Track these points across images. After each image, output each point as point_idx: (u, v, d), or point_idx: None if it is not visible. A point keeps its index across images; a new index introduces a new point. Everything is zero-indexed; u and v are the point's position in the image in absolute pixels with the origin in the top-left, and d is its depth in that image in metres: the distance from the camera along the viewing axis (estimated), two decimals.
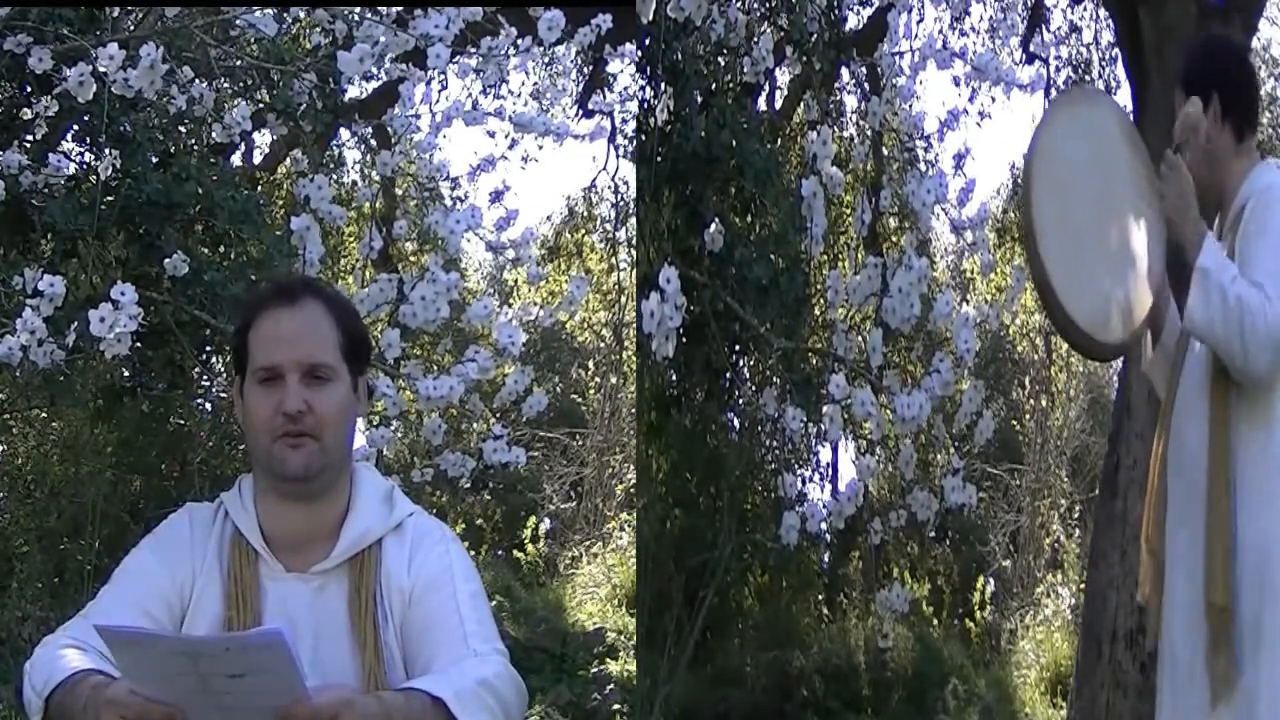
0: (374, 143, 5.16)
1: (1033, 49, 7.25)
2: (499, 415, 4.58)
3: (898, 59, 4.59)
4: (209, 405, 6.16)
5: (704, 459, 6.00)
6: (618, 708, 6.33)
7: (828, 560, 7.95)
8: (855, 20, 6.26)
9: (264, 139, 6.97)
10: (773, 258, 4.44)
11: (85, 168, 4.42)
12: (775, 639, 6.89)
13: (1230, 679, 2.28)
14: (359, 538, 1.91)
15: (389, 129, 4.21)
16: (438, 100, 4.19)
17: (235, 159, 6.43)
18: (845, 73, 6.05)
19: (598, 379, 11.20)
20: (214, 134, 3.91)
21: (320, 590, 1.88)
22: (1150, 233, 2.58)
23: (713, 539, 5.30)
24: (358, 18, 3.79)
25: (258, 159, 7.62)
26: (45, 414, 5.92)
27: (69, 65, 3.35)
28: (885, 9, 4.78)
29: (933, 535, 8.36)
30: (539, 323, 4.52)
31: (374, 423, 3.83)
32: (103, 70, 3.20)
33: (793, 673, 6.72)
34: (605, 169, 8.61)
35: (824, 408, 3.93)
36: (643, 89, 4.64)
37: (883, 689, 6.92)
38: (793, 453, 6.83)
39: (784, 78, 6.52)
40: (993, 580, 8.70)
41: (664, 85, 4.25)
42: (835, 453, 7.74)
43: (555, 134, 4.15)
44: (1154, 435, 2.56)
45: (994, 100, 7.53)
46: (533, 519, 10.07)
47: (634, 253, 7.35)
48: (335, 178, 6.86)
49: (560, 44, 3.93)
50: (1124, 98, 7.27)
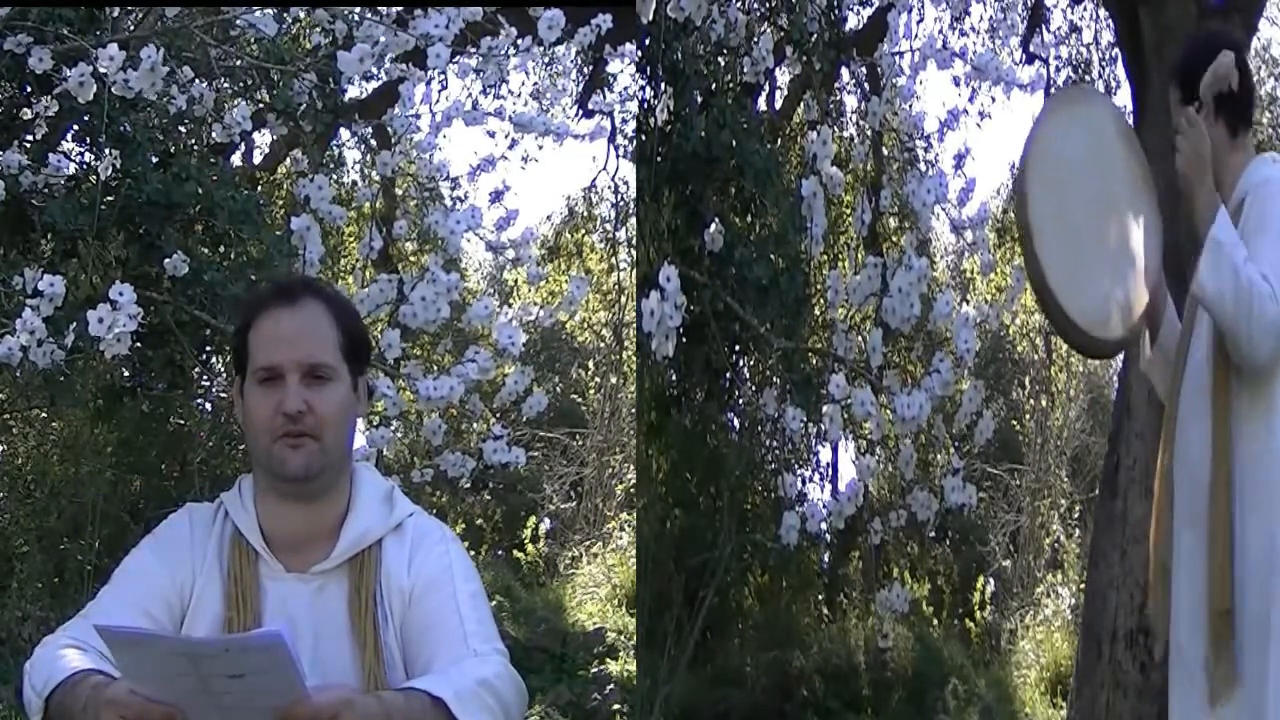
0: (374, 143, 5.16)
1: (1033, 49, 7.24)
2: (499, 415, 4.58)
3: (898, 59, 4.60)
4: (209, 405, 6.16)
5: (704, 459, 6.00)
6: (618, 708, 6.33)
7: (828, 560, 7.95)
8: (855, 20, 6.27)
9: (264, 139, 6.98)
10: (773, 258, 4.44)
11: (85, 168, 4.42)
12: (775, 639, 6.88)
13: (1231, 681, 2.28)
14: (359, 538, 1.91)
15: (389, 129, 4.21)
16: (438, 100, 4.20)
17: (235, 159, 6.43)
18: (845, 73, 6.05)
19: (598, 379, 11.19)
20: (214, 134, 3.91)
21: (320, 590, 1.88)
22: (1147, 230, 2.58)
23: (713, 539, 5.30)
24: (358, 18, 3.79)
25: (258, 159, 7.62)
26: (45, 414, 5.92)
27: (69, 65, 3.35)
28: (885, 9, 4.78)
29: (933, 535, 8.35)
30: (539, 323, 4.52)
31: (374, 423, 3.83)
32: (103, 71, 3.20)
33: (793, 673, 6.71)
34: (605, 169, 8.61)
35: (824, 408, 3.93)
36: (643, 89, 4.65)
37: (883, 689, 6.91)
38: (793, 453, 6.82)
39: (784, 78, 6.52)
40: (993, 580, 8.70)
41: (664, 85, 4.25)
42: (835, 453, 7.75)
43: (555, 134, 4.15)
44: (1154, 435, 2.57)
45: (994, 100, 7.55)
46: (533, 519, 10.07)
47: (634, 253, 7.34)
48: (335, 178, 6.85)
49: (560, 44, 3.93)
50: (1124, 98, 7.27)
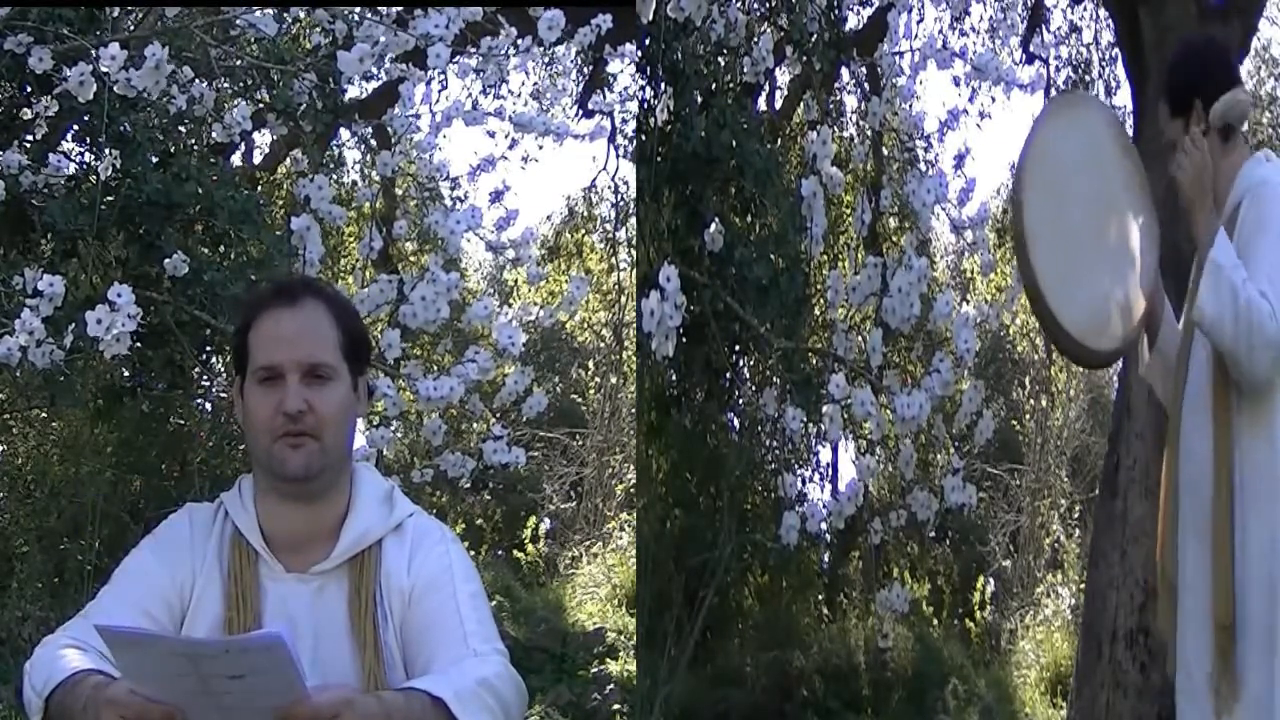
0: (374, 143, 5.16)
1: (1033, 49, 7.24)
2: (499, 415, 4.57)
3: (898, 59, 4.59)
4: (209, 405, 6.17)
5: (704, 459, 6.00)
6: (618, 708, 6.33)
7: (828, 560, 7.95)
8: (855, 20, 6.27)
9: (264, 139, 6.98)
10: (773, 258, 4.44)
11: (85, 168, 4.41)
12: (775, 639, 6.88)
13: (1236, 695, 2.29)
14: (359, 538, 1.91)
15: (389, 129, 4.21)
16: (438, 100, 4.19)
17: (235, 159, 6.43)
18: (845, 73, 6.05)
19: (598, 379, 11.19)
20: (214, 134, 3.91)
21: (320, 590, 1.88)
22: (1144, 234, 2.58)
23: (713, 539, 5.30)
24: (358, 18, 3.79)
25: (258, 159, 7.61)
26: (45, 414, 5.92)
27: (69, 65, 3.35)
28: (885, 9, 4.78)
29: (933, 535, 8.35)
30: (539, 323, 4.52)
31: (374, 423, 3.83)
32: (104, 70, 3.20)
33: (793, 673, 6.71)
34: (605, 169, 8.60)
35: (824, 408, 3.94)
36: (643, 89, 4.65)
37: (883, 689, 6.91)
38: (793, 453, 6.82)
39: (784, 78, 6.52)
40: (993, 580, 8.69)
41: (664, 85, 4.25)
42: (835, 453, 7.74)
43: (555, 134, 4.15)
44: (1154, 435, 2.57)
45: (994, 100, 7.54)
46: (533, 519, 10.07)
47: (634, 253, 7.34)
48: (335, 178, 6.85)
49: (560, 44, 3.93)
50: (1124, 98, 7.29)
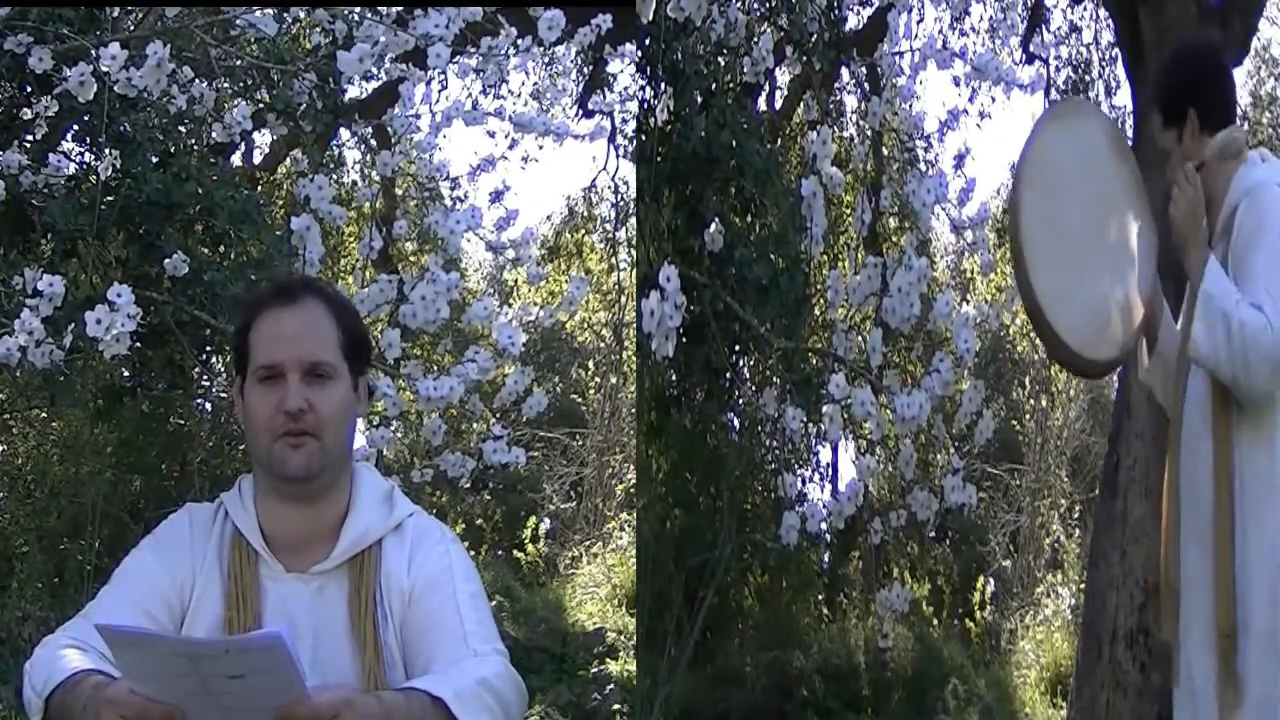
0: (374, 143, 5.16)
1: (1033, 49, 7.24)
2: (499, 415, 4.57)
3: (898, 59, 4.59)
4: (209, 405, 6.17)
5: (704, 459, 6.00)
6: (618, 708, 6.33)
7: (828, 560, 7.95)
8: (855, 20, 6.26)
9: (264, 139, 6.98)
10: (773, 258, 4.44)
11: (85, 168, 4.41)
12: (775, 639, 6.88)
13: (1238, 700, 2.29)
14: (359, 538, 1.91)
15: (389, 129, 4.21)
16: (438, 100, 4.19)
17: (235, 159, 6.43)
18: (845, 73, 6.05)
19: (598, 379, 11.19)
20: (214, 134, 3.91)
21: (320, 591, 1.88)
22: (1141, 239, 2.58)
23: (713, 539, 5.30)
24: (358, 18, 3.79)
25: (258, 159, 7.61)
26: (45, 414, 5.92)
27: (69, 65, 3.35)
28: (885, 9, 4.77)
29: (933, 535, 8.35)
30: (539, 323, 4.52)
31: (374, 423, 3.83)
32: (104, 70, 3.20)
33: (793, 673, 6.71)
34: (605, 169, 8.60)
35: (824, 408, 3.93)
36: (643, 89, 4.65)
37: (883, 689, 6.91)
38: (793, 453, 6.82)
39: (784, 78, 6.51)
40: (993, 580, 8.69)
41: (664, 85, 4.25)
42: (835, 453, 7.74)
43: (555, 134, 4.15)
44: (1154, 435, 2.57)
45: (994, 100, 7.54)
46: (533, 519, 10.07)
47: (634, 253, 7.34)
48: (335, 178, 6.85)
49: (560, 44, 3.93)
50: (1124, 98, 7.30)
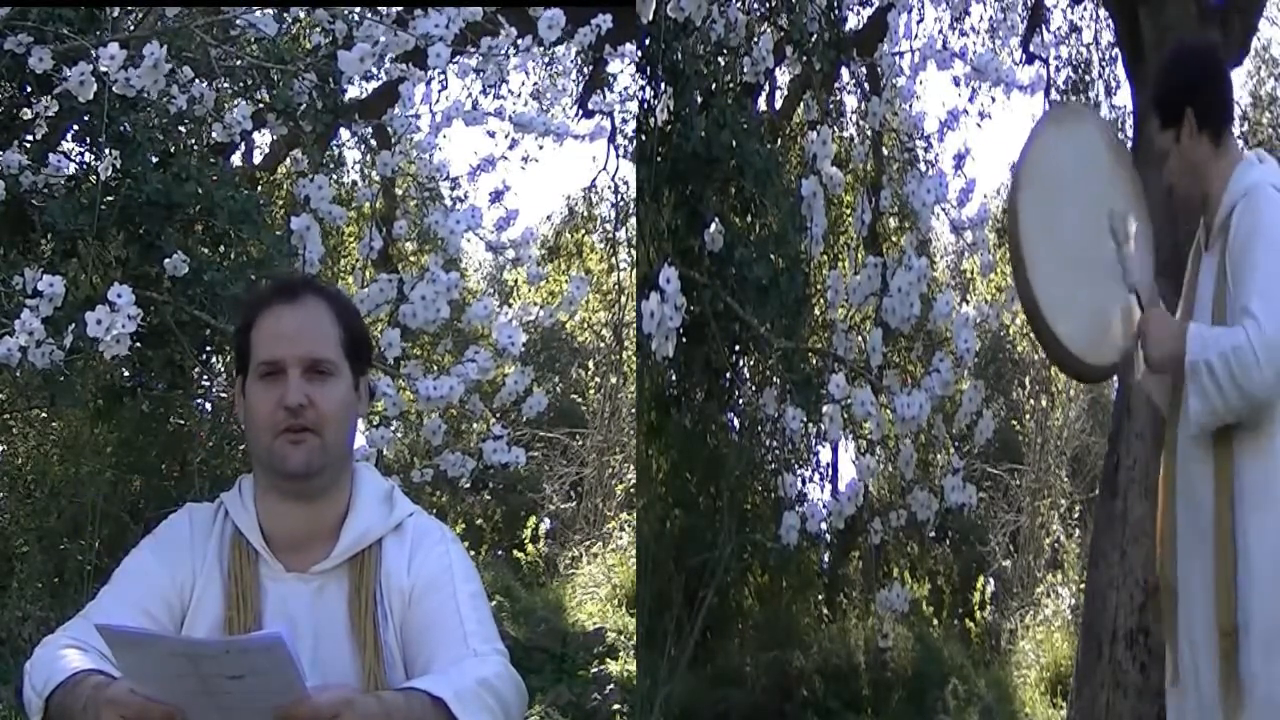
0: (374, 143, 5.16)
1: (1033, 49, 7.24)
2: (499, 415, 4.57)
3: (898, 59, 4.59)
4: (209, 405, 6.17)
5: (704, 459, 6.00)
6: (618, 708, 6.33)
7: (828, 560, 7.95)
8: (855, 20, 6.26)
9: (264, 139, 6.99)
10: (773, 258, 4.44)
11: (85, 168, 4.42)
12: (775, 639, 6.88)
13: (1240, 701, 2.29)
14: (359, 538, 1.91)
15: (389, 129, 4.21)
16: (438, 100, 4.19)
17: (235, 159, 6.44)
18: (845, 73, 6.05)
19: (598, 379, 11.19)
20: (214, 134, 3.91)
21: (320, 590, 1.88)
22: (1139, 244, 2.58)
23: (713, 539, 5.30)
24: (358, 18, 3.79)
25: (258, 159, 7.62)
26: (45, 414, 5.92)
27: (69, 65, 3.35)
28: (885, 9, 4.77)
29: (933, 535, 8.35)
30: (539, 323, 4.52)
31: (374, 423, 3.83)
32: (104, 70, 3.20)
33: (793, 673, 6.71)
34: (605, 169, 8.59)
35: (824, 408, 3.93)
36: (643, 89, 4.65)
37: (883, 689, 6.91)
38: (793, 453, 6.82)
39: (784, 78, 6.52)
40: (993, 580, 8.70)
41: (664, 85, 4.25)
42: (835, 453, 7.75)
43: (555, 134, 4.15)
44: (1154, 435, 2.57)
45: (994, 100, 7.54)
46: (533, 519, 10.07)
47: (634, 253, 7.34)
48: (335, 178, 6.85)
49: (560, 44, 3.93)
50: (1124, 98, 7.30)
